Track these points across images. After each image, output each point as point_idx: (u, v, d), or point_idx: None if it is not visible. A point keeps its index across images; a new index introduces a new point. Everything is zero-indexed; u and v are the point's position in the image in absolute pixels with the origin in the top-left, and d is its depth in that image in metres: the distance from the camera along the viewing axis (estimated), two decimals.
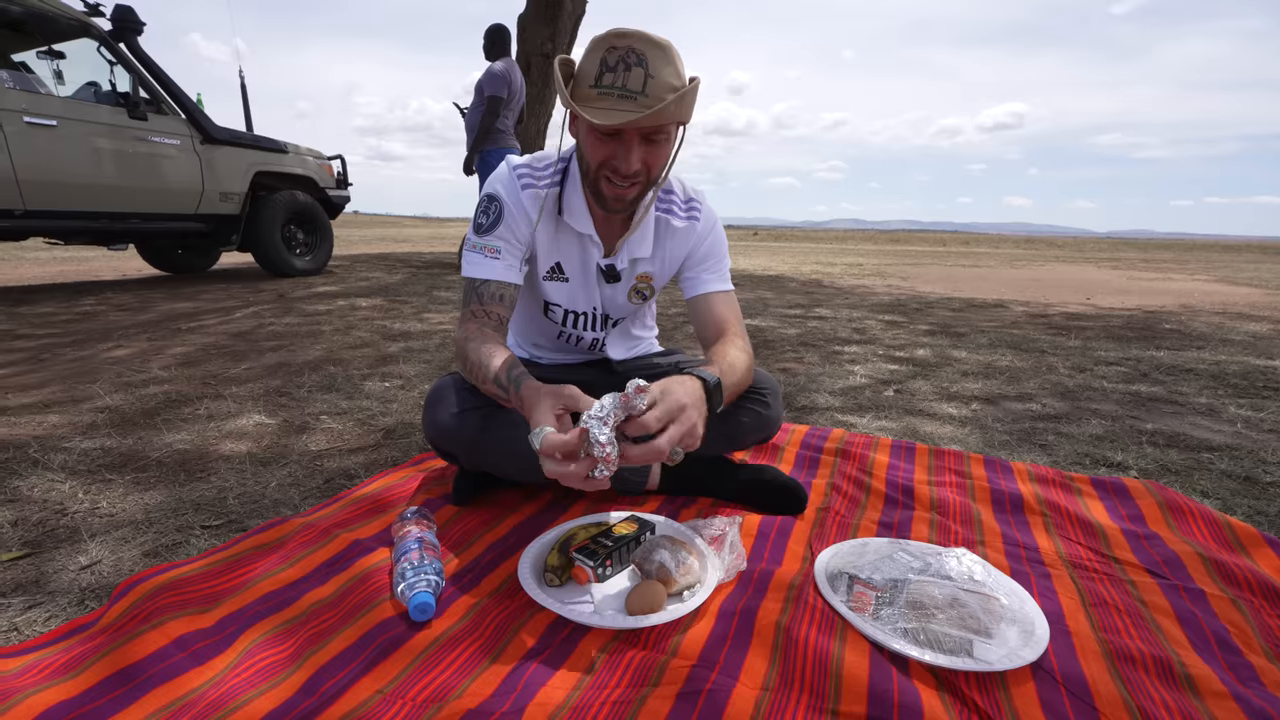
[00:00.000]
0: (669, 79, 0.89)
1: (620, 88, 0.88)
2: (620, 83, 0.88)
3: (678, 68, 0.91)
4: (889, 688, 0.70)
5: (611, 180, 0.98)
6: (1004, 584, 0.90)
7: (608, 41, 0.89)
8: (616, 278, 1.15)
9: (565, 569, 0.91)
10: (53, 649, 0.75)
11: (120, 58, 3.97)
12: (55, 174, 3.68)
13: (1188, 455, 1.49)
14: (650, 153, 0.96)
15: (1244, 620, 0.85)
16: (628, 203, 1.02)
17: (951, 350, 2.74)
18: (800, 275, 6.83)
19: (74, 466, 1.34)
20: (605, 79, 0.89)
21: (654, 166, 0.98)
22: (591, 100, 0.91)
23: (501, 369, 0.94)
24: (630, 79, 0.88)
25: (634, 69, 0.88)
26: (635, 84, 0.88)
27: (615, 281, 1.16)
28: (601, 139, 0.95)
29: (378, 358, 2.39)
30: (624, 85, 0.88)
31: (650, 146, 0.95)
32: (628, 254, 1.14)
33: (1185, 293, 5.51)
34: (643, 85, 0.88)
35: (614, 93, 0.89)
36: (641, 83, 0.88)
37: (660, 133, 0.94)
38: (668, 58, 0.89)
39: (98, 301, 3.82)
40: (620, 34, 0.88)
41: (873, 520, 1.13)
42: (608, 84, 0.89)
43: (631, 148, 0.94)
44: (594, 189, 1.02)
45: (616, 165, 0.95)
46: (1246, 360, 2.57)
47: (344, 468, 1.36)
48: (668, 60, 0.90)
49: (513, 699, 0.69)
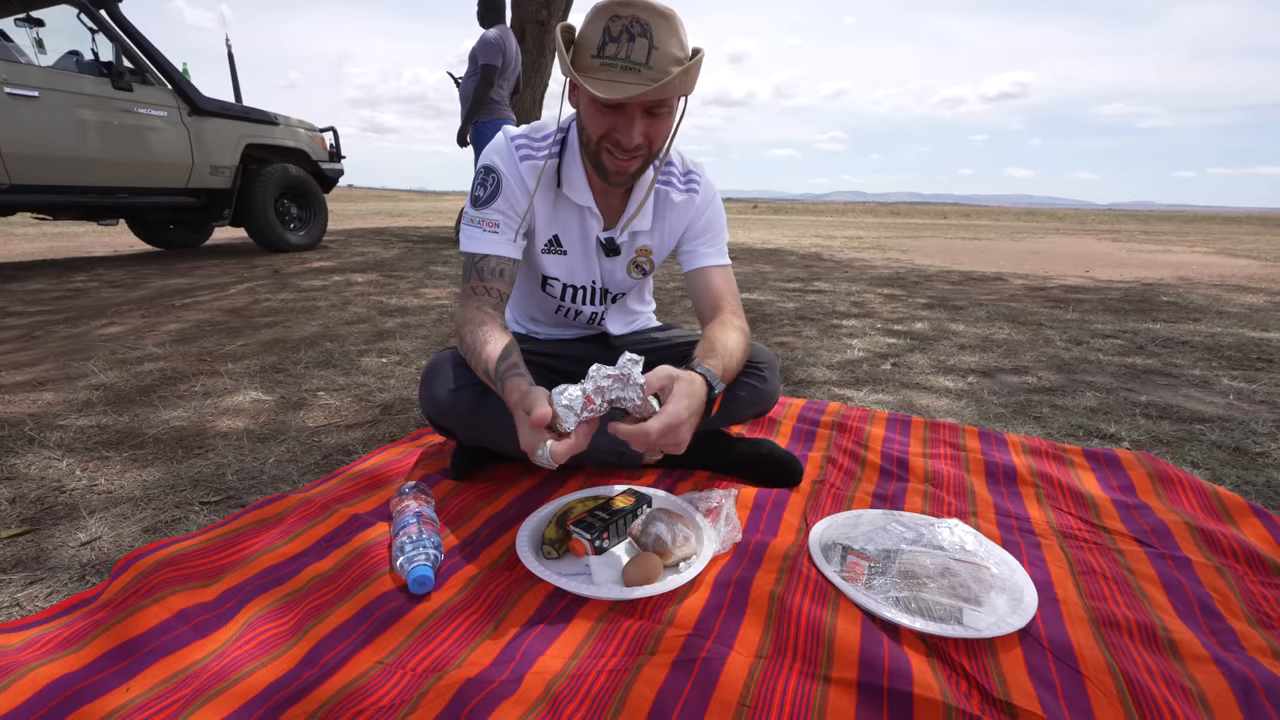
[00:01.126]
0: (673, 50, 0.87)
1: (624, 59, 0.86)
2: (624, 54, 0.86)
3: (681, 38, 0.89)
4: (880, 654, 0.72)
5: (613, 153, 0.96)
6: (995, 553, 0.91)
7: (611, 9, 0.86)
8: (616, 251, 1.14)
9: (563, 542, 0.92)
10: (55, 623, 0.76)
11: (102, 25, 3.85)
12: (39, 147, 3.60)
13: (1179, 427, 1.51)
14: (652, 126, 0.94)
15: (1227, 586, 0.86)
16: (629, 175, 1.01)
17: (949, 323, 2.74)
18: (799, 248, 6.78)
19: (70, 444, 1.34)
20: (609, 49, 0.87)
21: (656, 140, 0.97)
22: (593, 71, 0.88)
23: (493, 361, 0.94)
24: (634, 50, 0.86)
25: (638, 39, 0.86)
26: (639, 55, 0.86)
27: (615, 255, 1.15)
28: (603, 111, 0.93)
29: (374, 333, 2.38)
30: (628, 56, 0.86)
31: (652, 120, 0.94)
32: (627, 227, 1.13)
33: (1184, 265, 5.50)
34: (646, 57, 0.86)
35: (617, 64, 0.87)
36: (645, 54, 0.86)
37: (663, 106, 0.93)
38: (672, 28, 0.87)
39: (89, 278, 3.78)
40: (624, 2, 0.86)
41: (867, 492, 1.14)
42: (611, 54, 0.87)
43: (634, 121, 0.92)
44: (595, 161, 1.00)
45: (618, 138, 0.94)
46: (1241, 332, 2.57)
47: (342, 443, 1.36)
48: (672, 30, 0.87)
49: (511, 668, 0.70)
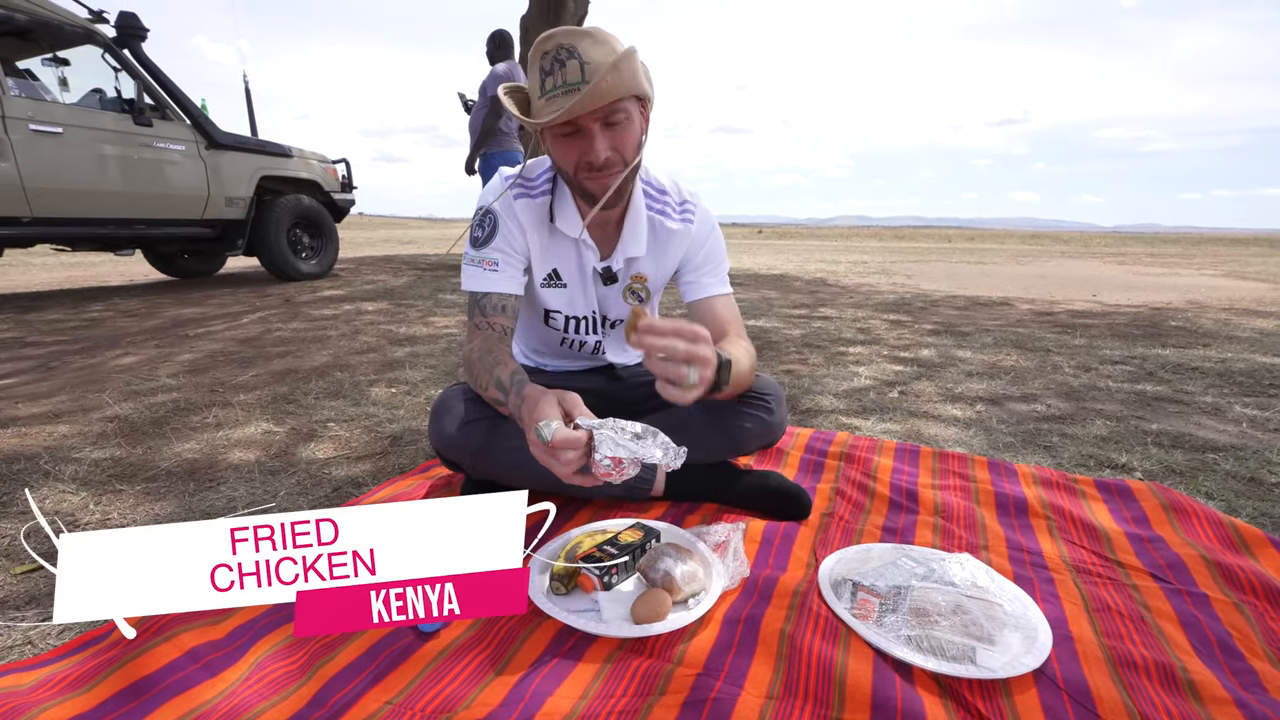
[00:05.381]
0: (604, 59, 0.89)
1: (562, 85, 0.90)
2: (560, 81, 0.90)
3: (612, 46, 0.91)
4: (892, 695, 0.71)
5: (589, 175, 0.99)
6: (1007, 589, 0.90)
7: (539, 50, 0.92)
8: (614, 279, 1.17)
9: (571, 577, 0.92)
10: (66, 662, 0.76)
11: (124, 64, 4.00)
12: (61, 181, 3.71)
13: (1192, 456, 1.49)
14: (615, 136, 0.96)
15: (1247, 624, 0.85)
16: (615, 190, 1.01)
17: (956, 350, 2.74)
18: (805, 274, 6.82)
19: (85, 477, 1.36)
20: (547, 84, 0.91)
21: (625, 148, 0.98)
22: (543, 110, 0.93)
23: (504, 373, 0.96)
24: (568, 73, 0.89)
25: (568, 63, 0.89)
26: (574, 76, 0.89)
27: (613, 283, 1.17)
28: (566, 140, 0.96)
29: (384, 363, 2.41)
30: (564, 81, 0.90)
31: (612, 130, 0.95)
32: (622, 254, 1.15)
33: (1192, 288, 5.48)
34: (580, 74, 0.89)
35: (558, 92, 0.90)
36: (579, 72, 0.89)
37: (616, 113, 0.94)
38: (598, 40, 0.90)
39: (105, 307, 3.85)
40: (546, 37, 0.91)
41: (876, 525, 1.13)
42: (550, 87, 0.91)
43: (594, 137, 0.94)
44: (581, 191, 1.02)
45: (588, 160, 0.96)
46: (1253, 358, 2.55)
47: (351, 475, 1.37)
48: (598, 42, 0.90)
49: (520, 709, 0.70)
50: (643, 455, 0.78)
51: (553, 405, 0.82)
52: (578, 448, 0.77)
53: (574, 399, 0.83)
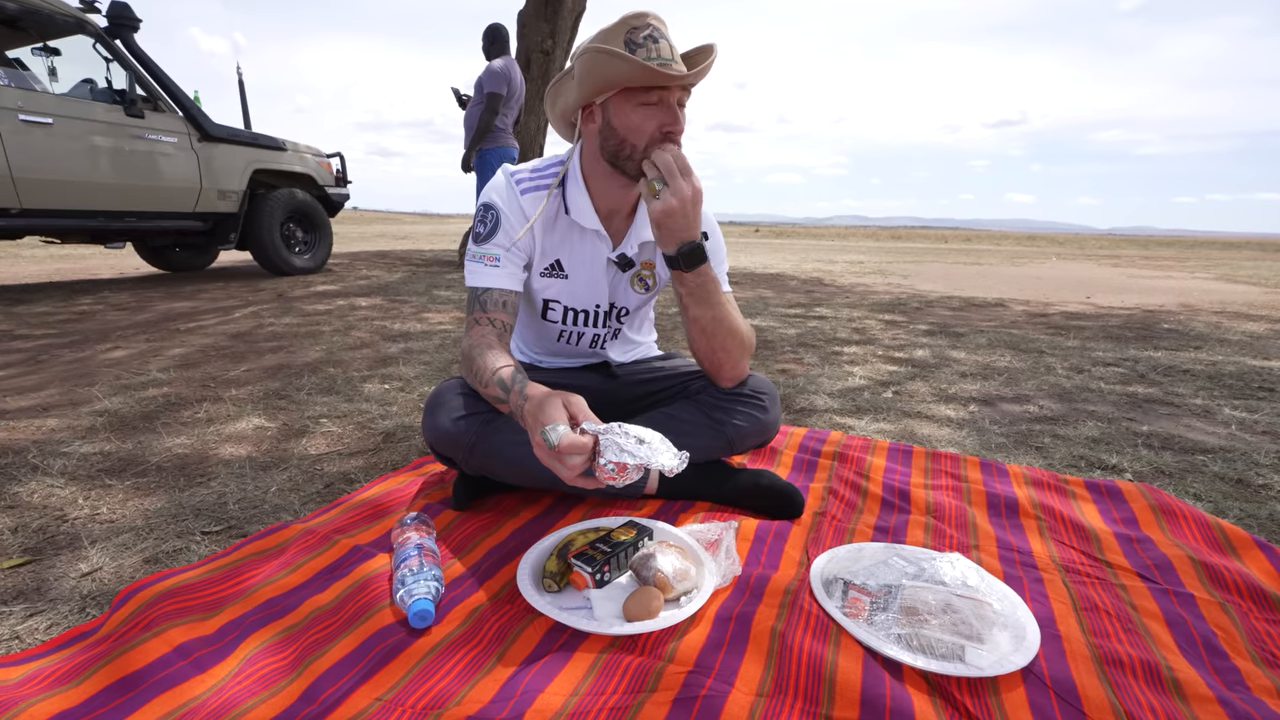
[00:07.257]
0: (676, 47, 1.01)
1: (658, 58, 0.97)
2: (655, 54, 0.97)
3: None
4: (882, 693, 0.71)
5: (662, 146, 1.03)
6: (997, 589, 0.91)
7: (625, 25, 0.97)
8: (630, 264, 1.19)
9: (564, 575, 0.92)
10: (54, 657, 0.76)
11: (116, 54, 3.95)
12: (51, 172, 3.67)
13: (1181, 458, 1.51)
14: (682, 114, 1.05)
15: (1232, 624, 0.86)
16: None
17: (950, 350, 2.75)
18: (801, 273, 6.83)
19: (74, 471, 1.35)
20: (640, 54, 0.96)
21: None
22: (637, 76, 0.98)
23: (505, 371, 0.97)
24: (661, 50, 0.97)
25: (660, 41, 0.98)
26: (666, 54, 0.98)
27: (629, 269, 1.20)
28: (647, 109, 1.01)
29: (377, 359, 2.40)
30: (659, 55, 0.97)
31: (682, 108, 1.04)
32: (635, 239, 1.16)
33: (1184, 291, 5.52)
34: (671, 53, 0.99)
35: (654, 63, 0.96)
36: (670, 52, 0.99)
37: (689, 95, 1.04)
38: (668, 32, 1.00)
39: (95, 301, 3.82)
40: (637, 15, 0.98)
41: (869, 524, 1.14)
42: (643, 58, 0.96)
43: (675, 108, 1.02)
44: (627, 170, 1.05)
45: (670, 129, 1.02)
46: (1242, 360, 2.58)
47: (343, 472, 1.37)
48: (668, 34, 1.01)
49: (511, 705, 0.70)
50: (647, 461, 0.80)
51: (559, 409, 0.83)
52: (584, 453, 0.80)
53: (579, 402, 0.84)
